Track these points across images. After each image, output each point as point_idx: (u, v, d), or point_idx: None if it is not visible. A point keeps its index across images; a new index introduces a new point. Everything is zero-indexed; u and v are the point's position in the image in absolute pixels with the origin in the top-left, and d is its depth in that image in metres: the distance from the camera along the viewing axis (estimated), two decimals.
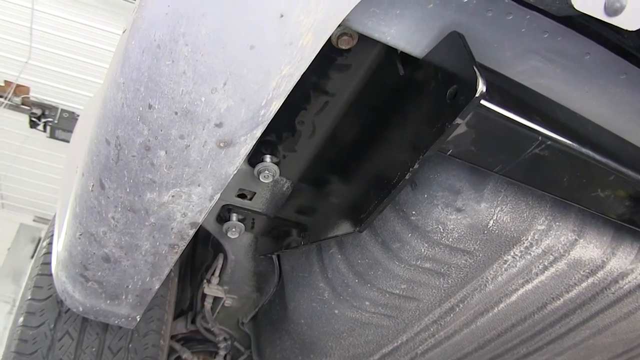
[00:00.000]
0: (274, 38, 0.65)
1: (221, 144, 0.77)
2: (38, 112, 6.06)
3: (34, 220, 7.88)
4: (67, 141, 6.32)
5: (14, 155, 6.70)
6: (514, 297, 1.21)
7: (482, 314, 1.26)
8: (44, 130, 6.24)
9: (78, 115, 6.21)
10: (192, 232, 0.93)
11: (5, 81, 5.92)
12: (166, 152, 0.79)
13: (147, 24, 0.69)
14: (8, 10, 5.17)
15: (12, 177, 7.14)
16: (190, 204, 0.87)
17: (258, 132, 0.76)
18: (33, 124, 6.19)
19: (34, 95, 6.05)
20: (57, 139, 6.28)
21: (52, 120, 6.13)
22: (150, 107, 0.75)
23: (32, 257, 7.41)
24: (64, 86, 5.93)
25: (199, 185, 0.84)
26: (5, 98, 5.94)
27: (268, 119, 0.75)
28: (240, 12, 0.64)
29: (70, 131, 6.24)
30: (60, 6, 5.14)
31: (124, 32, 0.79)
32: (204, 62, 0.68)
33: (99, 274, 1.05)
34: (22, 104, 6.08)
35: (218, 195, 0.86)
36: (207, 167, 0.81)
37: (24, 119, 6.21)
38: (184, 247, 0.97)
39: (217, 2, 0.63)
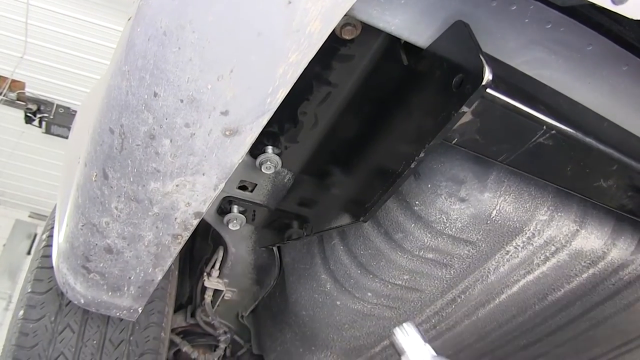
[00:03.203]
0: (281, 25, 0.65)
1: (227, 133, 0.77)
2: (33, 107, 6.02)
3: (29, 216, 7.84)
4: (63, 137, 6.29)
5: (10, 151, 6.66)
6: (515, 288, 1.21)
7: (484, 305, 1.27)
8: (40, 125, 6.20)
9: (74, 111, 6.16)
10: (195, 222, 0.93)
11: (1, 76, 5.87)
12: (171, 141, 0.79)
13: (154, 11, 0.69)
14: (3, 4, 5.13)
15: (8, 173, 7.10)
16: (195, 194, 0.87)
17: (264, 120, 0.76)
18: (28, 120, 6.15)
19: (30, 90, 6.01)
20: (52, 134, 6.24)
21: (48, 116, 6.09)
22: (155, 95, 0.75)
23: (28, 253, 7.41)
24: (59, 81, 5.90)
25: (203, 175, 0.84)
26: (1, 94, 5.89)
27: (274, 107, 0.74)
28: None
29: (66, 126, 6.20)
30: (56, 1, 5.10)
31: (129, 19, 0.78)
32: (211, 49, 0.68)
33: (101, 265, 1.04)
34: (18, 99, 6.05)
35: (222, 185, 0.86)
36: (212, 156, 0.80)
37: (20, 114, 6.17)
38: (187, 238, 0.97)
39: None
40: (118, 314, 1.16)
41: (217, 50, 0.68)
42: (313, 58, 0.71)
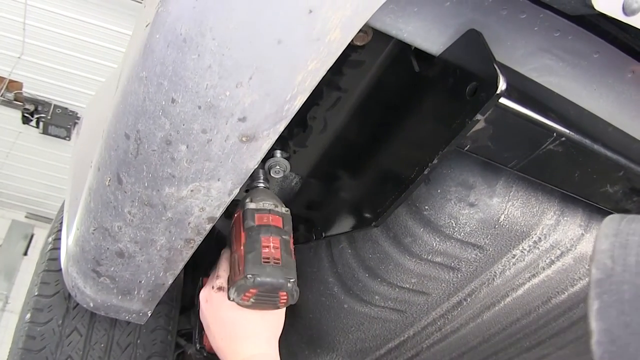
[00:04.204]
0: (301, 33, 0.66)
1: (243, 139, 0.77)
2: (31, 108, 5.96)
3: (26, 217, 7.78)
4: (60, 137, 6.25)
5: (7, 151, 6.62)
6: (520, 291, 1.23)
7: (489, 308, 1.28)
8: (37, 126, 6.15)
9: (71, 112, 6.13)
10: (209, 226, 0.94)
11: None
12: (187, 147, 0.80)
13: (173, 17, 0.69)
14: (0, 5, 5.10)
15: (5, 173, 7.05)
16: (209, 199, 0.88)
17: (281, 127, 0.77)
18: (26, 120, 6.10)
19: (27, 91, 5.96)
20: (50, 134, 6.19)
21: (45, 116, 6.03)
22: (173, 101, 0.75)
23: (25, 253, 7.36)
24: (57, 82, 5.86)
25: (218, 180, 0.84)
26: None
27: (292, 113, 0.75)
28: (269, 7, 0.64)
29: (64, 127, 6.17)
30: (54, 1, 5.08)
31: (146, 25, 0.78)
32: (231, 57, 0.69)
33: (112, 269, 1.05)
34: (15, 99, 5.99)
35: (237, 190, 0.87)
36: (228, 162, 0.81)
37: (17, 114, 6.12)
38: (199, 242, 0.98)
39: None
40: (127, 317, 1.17)
41: (237, 57, 0.69)
42: None
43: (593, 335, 0.48)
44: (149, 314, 1.18)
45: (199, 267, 1.81)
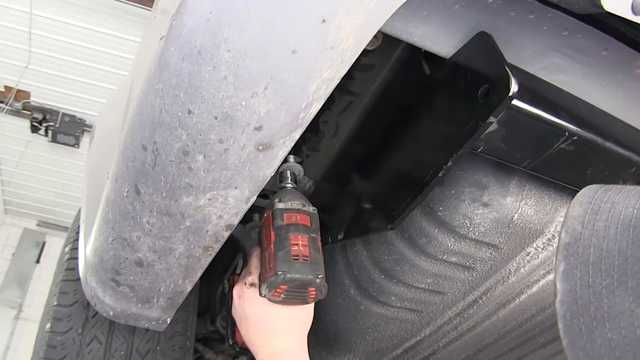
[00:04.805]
0: (315, 43, 0.67)
1: (260, 147, 0.78)
2: (39, 116, 5.99)
3: (37, 225, 7.84)
4: (69, 145, 6.29)
5: (16, 160, 6.66)
6: (535, 288, 1.23)
7: (504, 306, 1.29)
8: (46, 134, 6.18)
9: (80, 119, 6.16)
10: (227, 234, 0.95)
11: (6, 86, 5.86)
12: (204, 156, 0.81)
13: (188, 30, 0.70)
14: (6, 15, 5.13)
15: (15, 182, 7.09)
16: (227, 207, 0.89)
17: (297, 135, 0.78)
18: (34, 129, 6.13)
19: (35, 99, 6.00)
20: (59, 142, 6.23)
21: (54, 125, 6.06)
22: (189, 112, 0.76)
23: (37, 261, 7.42)
24: (64, 90, 5.89)
25: (236, 188, 0.85)
26: (6, 103, 5.88)
27: (307, 121, 0.76)
28: (282, 18, 0.65)
29: (72, 135, 6.20)
30: (59, 10, 5.10)
31: (161, 38, 0.80)
32: (246, 67, 0.70)
33: (131, 278, 1.06)
34: (23, 109, 6.02)
35: (254, 198, 0.88)
36: (245, 170, 0.82)
37: (26, 124, 6.16)
38: (218, 249, 0.99)
39: (260, 9, 0.65)
40: (147, 325, 1.18)
41: (252, 68, 0.70)
42: None
43: (557, 295, 0.50)
44: (168, 321, 1.19)
45: (214, 272, 1.83)
